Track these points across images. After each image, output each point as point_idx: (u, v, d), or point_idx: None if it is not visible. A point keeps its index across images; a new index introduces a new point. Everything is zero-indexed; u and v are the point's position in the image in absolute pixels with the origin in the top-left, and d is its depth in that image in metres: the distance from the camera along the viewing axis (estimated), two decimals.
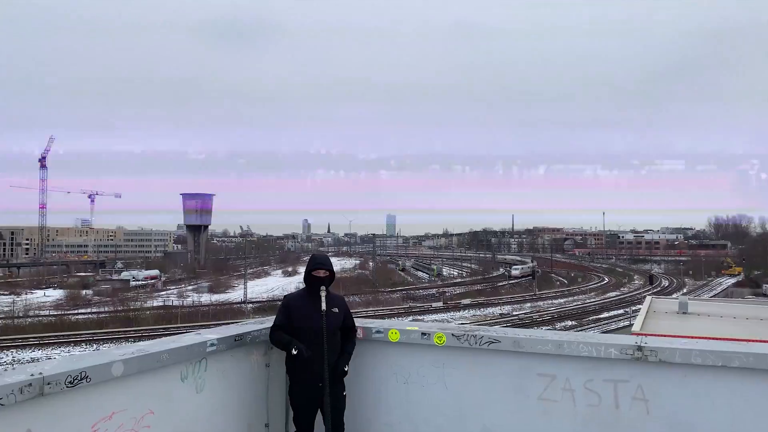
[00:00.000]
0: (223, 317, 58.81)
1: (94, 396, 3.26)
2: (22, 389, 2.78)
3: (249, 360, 4.68)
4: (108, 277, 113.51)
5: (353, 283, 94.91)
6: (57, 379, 2.98)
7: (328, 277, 4.74)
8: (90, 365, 3.22)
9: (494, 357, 4.48)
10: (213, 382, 4.25)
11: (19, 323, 61.22)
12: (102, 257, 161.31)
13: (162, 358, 3.75)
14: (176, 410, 3.90)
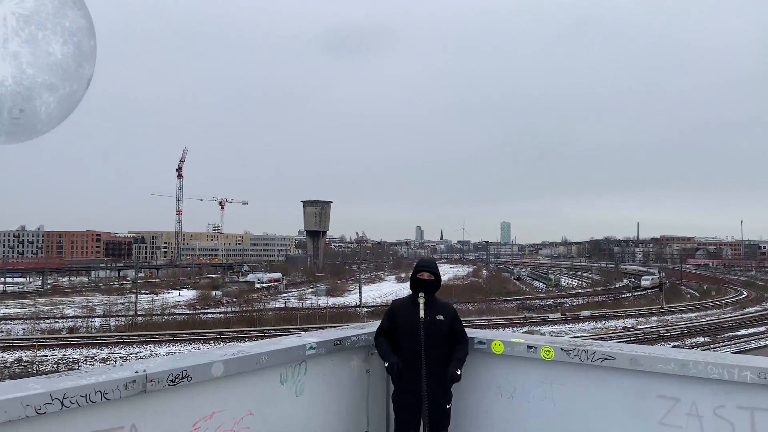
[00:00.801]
0: (339, 320, 60.39)
1: (194, 395, 3.32)
2: (126, 385, 2.88)
3: (349, 365, 4.64)
4: (235, 279, 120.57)
5: (466, 291, 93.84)
6: (159, 377, 3.06)
7: (432, 281, 4.56)
8: (191, 365, 3.29)
9: (608, 375, 4.10)
10: (312, 386, 4.23)
11: (157, 320, 66.70)
12: (230, 260, 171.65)
13: (261, 360, 3.78)
14: (275, 413, 3.92)
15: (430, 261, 4.73)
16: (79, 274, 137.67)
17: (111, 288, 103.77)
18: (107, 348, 51.74)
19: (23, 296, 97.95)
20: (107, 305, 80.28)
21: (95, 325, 64.83)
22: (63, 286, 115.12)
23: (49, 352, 49.57)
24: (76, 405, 2.65)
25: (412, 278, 4.58)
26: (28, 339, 54.81)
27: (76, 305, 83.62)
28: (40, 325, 63.79)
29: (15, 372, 44.02)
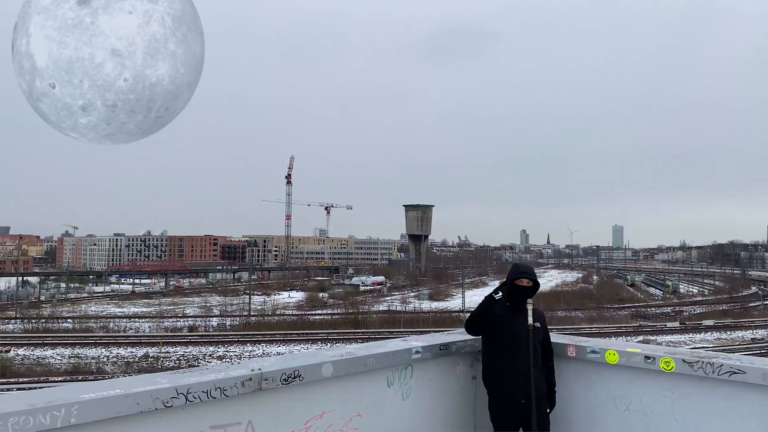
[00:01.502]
0: (442, 324, 60.13)
1: (306, 394, 3.42)
2: (243, 383, 3.00)
3: (455, 370, 4.60)
4: (341, 282, 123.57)
5: (575, 297, 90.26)
6: (273, 375, 3.17)
7: (531, 287, 4.44)
8: (302, 365, 3.38)
9: (738, 390, 3.75)
10: (418, 390, 4.23)
11: (269, 320, 69.73)
12: (336, 263, 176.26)
13: (369, 362, 3.82)
14: (383, 415, 3.95)
15: (528, 266, 4.58)
16: (198, 276, 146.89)
17: (227, 289, 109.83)
18: (223, 346, 54.74)
19: (149, 296, 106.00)
20: (223, 305, 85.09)
21: (212, 324, 68.82)
22: (184, 287, 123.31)
23: (171, 349, 53.24)
24: (198, 400, 2.77)
25: (510, 284, 4.45)
26: (153, 336, 59.19)
27: (195, 305, 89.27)
28: (164, 324, 68.69)
29: (143, 366, 47.67)
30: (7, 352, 49.21)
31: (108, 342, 55.28)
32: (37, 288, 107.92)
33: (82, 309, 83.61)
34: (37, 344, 53.24)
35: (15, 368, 45.46)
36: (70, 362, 48.81)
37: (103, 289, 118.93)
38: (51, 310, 79.80)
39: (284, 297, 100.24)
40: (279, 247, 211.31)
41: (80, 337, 57.65)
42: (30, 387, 36.12)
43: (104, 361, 49.67)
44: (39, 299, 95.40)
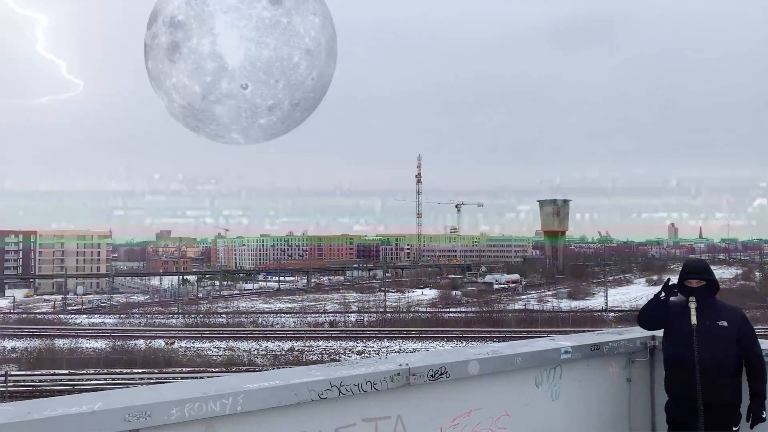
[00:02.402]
0: (583, 324, 57.55)
1: (453, 391, 3.38)
2: (392, 377, 3.03)
3: (607, 372, 4.34)
4: (474, 280, 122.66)
5: (734, 296, 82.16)
6: (420, 371, 3.16)
7: (704, 287, 4.01)
8: (449, 361, 3.35)
9: None
10: (568, 391, 4.05)
11: (404, 317, 70.92)
12: (468, 261, 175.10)
13: (515, 361, 3.72)
14: (531, 415, 3.83)
15: (697, 265, 4.14)
16: (336, 273, 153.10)
17: (363, 286, 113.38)
18: (362, 342, 56.55)
19: (293, 293, 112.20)
20: (361, 302, 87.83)
21: (351, 320, 71.31)
22: (324, 285, 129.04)
23: (314, 343, 55.92)
24: (350, 393, 2.84)
25: (680, 285, 4.09)
26: (297, 331, 62.59)
27: (335, 302, 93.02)
28: (306, 319, 72.37)
29: (288, 360, 50.54)
30: (171, 344, 54.52)
31: (258, 336, 59.27)
32: (195, 286, 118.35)
33: (234, 305, 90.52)
34: (197, 337, 58.40)
35: (179, 359, 50.24)
36: (225, 354, 52.96)
37: (252, 287, 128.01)
38: (208, 306, 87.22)
39: (418, 294, 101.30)
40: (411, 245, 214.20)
41: (233, 331, 62.41)
42: (192, 376, 39.73)
43: (254, 353, 53.28)
44: (197, 296, 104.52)
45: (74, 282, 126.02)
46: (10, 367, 44.03)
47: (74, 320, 73.13)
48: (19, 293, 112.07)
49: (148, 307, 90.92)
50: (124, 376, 40.36)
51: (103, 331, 60.80)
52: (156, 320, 71.39)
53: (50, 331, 60.21)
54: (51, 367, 44.39)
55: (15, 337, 57.17)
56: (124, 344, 51.89)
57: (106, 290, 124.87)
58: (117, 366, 44.58)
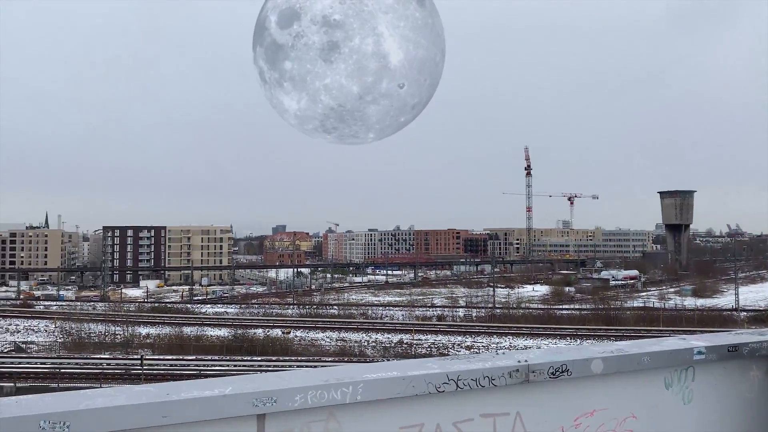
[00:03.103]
0: (711, 324, 53.60)
1: (574, 390, 3.22)
2: (510, 373, 2.94)
3: (747, 376, 3.96)
4: (588, 276, 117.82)
5: None
6: (540, 368, 3.04)
7: None
8: (571, 359, 3.18)
9: None
10: (702, 394, 3.74)
11: (513, 313, 69.55)
12: (582, 257, 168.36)
13: (643, 360, 3.49)
14: (660, 419, 3.59)
15: None
16: (443, 268, 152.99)
17: (471, 281, 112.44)
18: (470, 337, 56.14)
19: (400, 287, 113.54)
20: (468, 297, 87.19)
21: (459, 314, 71.01)
22: (431, 279, 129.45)
23: (423, 337, 56.26)
24: (468, 387, 2.80)
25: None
26: (405, 324, 63.23)
27: (442, 296, 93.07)
28: (414, 312, 72.92)
29: (398, 352, 51.21)
30: (288, 333, 57.03)
31: (368, 328, 60.59)
32: (308, 278, 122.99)
33: (345, 297, 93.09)
34: (310, 327, 60.69)
35: (294, 347, 52.46)
36: (337, 345, 54.61)
37: (361, 280, 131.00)
38: (320, 298, 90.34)
39: (528, 290, 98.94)
40: (520, 239, 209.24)
41: (344, 322, 64.21)
42: (307, 365, 41.35)
43: (365, 345, 54.50)
44: (310, 288, 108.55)
45: (199, 273, 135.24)
46: (145, 352, 48.12)
47: (200, 309, 78.53)
48: (151, 284, 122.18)
49: (265, 297, 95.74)
50: (244, 362, 42.78)
51: (225, 320, 64.80)
52: (273, 310, 74.96)
53: (179, 319, 65.06)
54: (180, 352, 47.98)
55: (149, 324, 62.35)
56: (245, 333, 54.92)
57: (227, 281, 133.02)
58: (238, 353, 47.31)
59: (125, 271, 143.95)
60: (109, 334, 57.33)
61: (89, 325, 59.80)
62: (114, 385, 33.91)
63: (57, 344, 54.03)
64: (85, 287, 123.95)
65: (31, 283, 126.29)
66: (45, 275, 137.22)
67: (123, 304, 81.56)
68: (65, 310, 73.93)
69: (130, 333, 56.91)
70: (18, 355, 47.57)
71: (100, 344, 54.01)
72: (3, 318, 67.70)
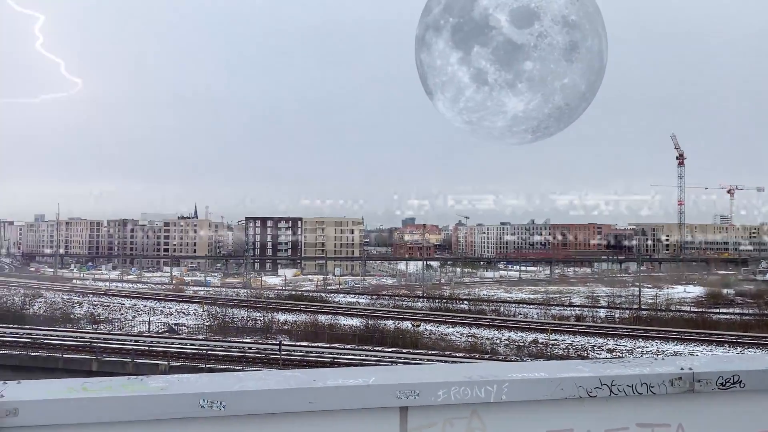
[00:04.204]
0: None
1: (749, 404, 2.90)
2: (672, 381, 2.73)
3: None
4: (752, 277, 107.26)
5: None
6: (707, 378, 2.79)
7: None
8: (744, 369, 2.87)
9: None
10: None
11: (662, 316, 64.22)
12: (743, 255, 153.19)
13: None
14: None
15: None
16: (582, 265, 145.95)
17: (613, 280, 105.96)
18: (613, 339, 52.45)
19: (535, 283, 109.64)
20: (611, 297, 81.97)
21: (600, 315, 66.92)
22: (568, 276, 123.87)
23: (559, 337, 53.51)
24: (623, 394, 2.65)
25: None
26: (541, 323, 60.67)
27: (581, 295, 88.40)
28: (550, 311, 69.88)
29: (532, 352, 49.07)
30: (417, 326, 56.88)
31: (499, 325, 58.90)
32: (438, 272, 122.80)
33: (475, 292, 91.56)
34: (440, 321, 60.15)
35: (424, 341, 52.18)
36: (468, 340, 53.54)
37: (493, 275, 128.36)
38: (450, 292, 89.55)
39: (679, 291, 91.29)
40: (670, 235, 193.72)
41: (475, 318, 62.95)
42: (437, 359, 40.68)
43: (497, 342, 52.96)
44: (440, 281, 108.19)
45: (332, 264, 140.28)
46: (282, 338, 50.21)
47: (333, 298, 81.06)
48: (289, 273, 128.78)
49: (395, 289, 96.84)
50: (375, 353, 43.03)
51: (357, 310, 66.11)
52: (403, 303, 75.43)
53: (314, 307, 67.47)
54: (314, 339, 49.54)
55: (286, 311, 65.23)
56: (376, 324, 55.63)
57: (359, 272, 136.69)
58: (369, 343, 47.84)
59: (265, 260, 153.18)
60: (250, 319, 60.73)
61: (232, 310, 63.83)
62: (255, 368, 35.49)
63: (204, 327, 58.23)
64: (229, 274, 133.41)
65: (182, 269, 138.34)
66: (194, 262, 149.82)
67: (263, 291, 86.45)
68: (211, 295, 79.76)
69: (269, 319, 59.87)
70: (171, 335, 51.74)
71: (242, 328, 57.42)
72: (158, 301, 74.40)
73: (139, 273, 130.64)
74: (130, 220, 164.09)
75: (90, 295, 76.98)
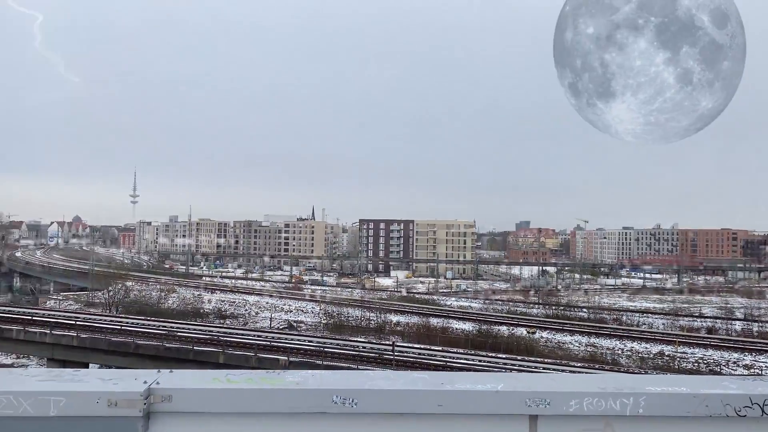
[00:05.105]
0: None
1: None
2: None
3: None
4: None
5: None
6: None
7: None
8: None
9: None
10: None
11: None
12: None
13: None
14: None
15: None
16: (714, 273, 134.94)
17: (750, 290, 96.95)
18: (750, 355, 48.01)
19: (660, 292, 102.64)
20: (748, 309, 75.05)
21: (735, 328, 61.52)
22: (698, 286, 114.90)
23: (688, 350, 49.74)
24: None
25: None
26: (667, 334, 56.64)
27: (713, 305, 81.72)
28: (678, 322, 65.14)
29: (657, 364, 45.96)
30: (533, 334, 55.18)
31: (621, 335, 55.72)
32: (554, 277, 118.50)
33: (595, 300, 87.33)
34: (557, 329, 57.91)
35: (539, 349, 50.49)
36: (587, 350, 51.15)
37: (614, 282, 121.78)
38: (567, 299, 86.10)
39: None
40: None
41: (595, 326, 59.98)
42: (554, 368, 39.25)
43: (618, 353, 50.15)
44: (556, 288, 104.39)
45: (444, 266, 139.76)
46: (395, 338, 50.72)
47: (444, 302, 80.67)
48: (401, 274, 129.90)
49: (508, 295, 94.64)
50: (489, 359, 42.27)
51: (469, 315, 65.32)
52: (517, 308, 73.55)
53: (426, 310, 67.51)
54: (426, 342, 49.52)
55: (399, 312, 65.82)
56: (489, 329, 54.61)
57: (470, 276, 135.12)
58: (482, 348, 47.07)
59: (378, 261, 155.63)
60: (364, 319, 61.90)
61: (347, 310, 65.41)
62: (370, 367, 36.13)
63: (321, 325, 60.12)
64: (343, 274, 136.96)
65: (300, 268, 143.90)
66: (311, 262, 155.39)
67: (376, 292, 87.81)
68: (327, 294, 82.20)
69: (382, 320, 60.70)
70: (290, 332, 53.92)
71: (356, 328, 58.67)
72: (280, 298, 77.89)
73: (262, 271, 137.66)
74: (253, 221, 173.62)
75: (217, 292, 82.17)
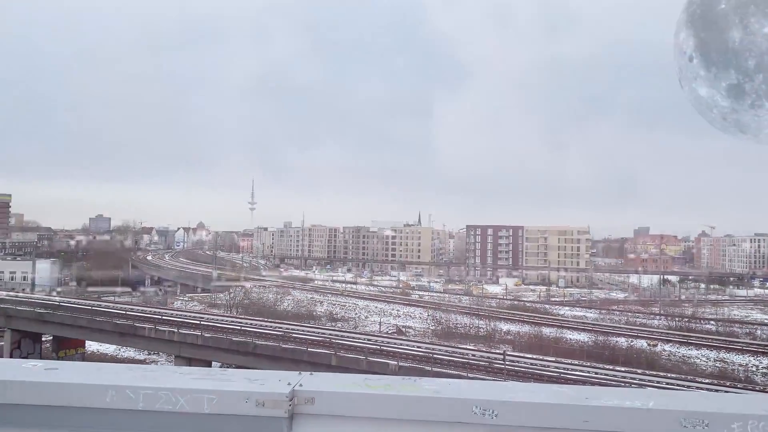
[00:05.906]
0: None
1: None
2: None
3: None
4: None
5: None
6: None
7: None
8: None
9: None
10: None
11: None
12: None
13: None
14: None
15: None
16: None
17: None
18: None
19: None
20: None
21: None
22: None
23: None
24: None
25: None
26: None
27: None
28: None
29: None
30: (654, 347, 51.87)
31: (756, 350, 51.05)
32: (677, 287, 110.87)
33: (724, 312, 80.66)
34: (681, 342, 54.03)
35: (662, 363, 47.34)
36: (716, 365, 47.39)
37: (746, 293, 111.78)
38: (693, 310, 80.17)
39: None
40: None
41: (725, 341, 55.38)
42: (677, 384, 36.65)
43: (753, 370, 46.10)
44: (680, 298, 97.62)
45: (556, 275, 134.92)
46: (506, 347, 49.62)
47: (557, 311, 77.80)
48: (510, 281, 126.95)
49: (627, 305, 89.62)
50: (606, 371, 40.25)
51: (584, 325, 62.57)
52: (636, 319, 69.53)
53: (537, 318, 65.47)
54: (538, 352, 47.97)
55: (509, 320, 64.35)
56: (606, 340, 52.03)
57: (584, 284, 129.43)
58: (598, 360, 44.89)
59: (486, 268, 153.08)
60: (473, 326, 61.09)
61: (455, 316, 64.89)
62: (479, 376, 35.61)
63: (429, 331, 60.06)
64: (450, 281, 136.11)
65: (408, 274, 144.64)
66: (418, 267, 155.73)
67: (485, 300, 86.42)
68: (435, 300, 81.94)
69: (491, 328, 59.61)
70: (399, 337, 54.32)
71: (465, 335, 58.01)
72: (388, 303, 78.77)
73: (370, 276, 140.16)
74: (362, 227, 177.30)
75: (329, 295, 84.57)
